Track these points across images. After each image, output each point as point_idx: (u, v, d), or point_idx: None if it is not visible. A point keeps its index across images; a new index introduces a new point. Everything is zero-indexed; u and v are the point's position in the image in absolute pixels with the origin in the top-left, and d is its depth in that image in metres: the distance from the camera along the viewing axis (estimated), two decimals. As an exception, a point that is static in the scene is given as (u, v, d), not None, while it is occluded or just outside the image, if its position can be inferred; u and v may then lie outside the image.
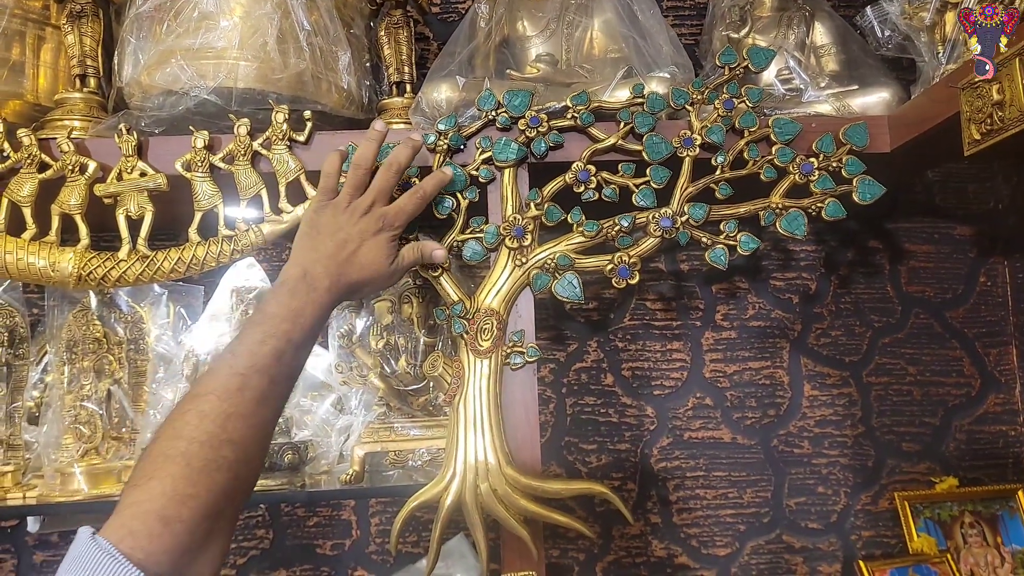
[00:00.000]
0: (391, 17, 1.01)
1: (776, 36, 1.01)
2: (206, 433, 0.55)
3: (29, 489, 0.93)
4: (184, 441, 0.55)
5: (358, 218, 0.73)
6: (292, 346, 0.64)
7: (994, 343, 1.23)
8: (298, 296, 0.66)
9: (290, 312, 0.65)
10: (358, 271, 0.72)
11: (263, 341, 0.62)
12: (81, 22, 0.93)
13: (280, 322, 0.64)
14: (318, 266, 0.69)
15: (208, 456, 0.54)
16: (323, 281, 0.68)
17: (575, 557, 1.17)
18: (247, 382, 0.59)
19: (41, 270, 0.85)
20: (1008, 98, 0.69)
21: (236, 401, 0.58)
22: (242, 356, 0.61)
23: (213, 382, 0.59)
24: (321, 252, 0.71)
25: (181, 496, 0.52)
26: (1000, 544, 1.15)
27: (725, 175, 0.88)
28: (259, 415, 0.59)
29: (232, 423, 0.57)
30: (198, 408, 0.57)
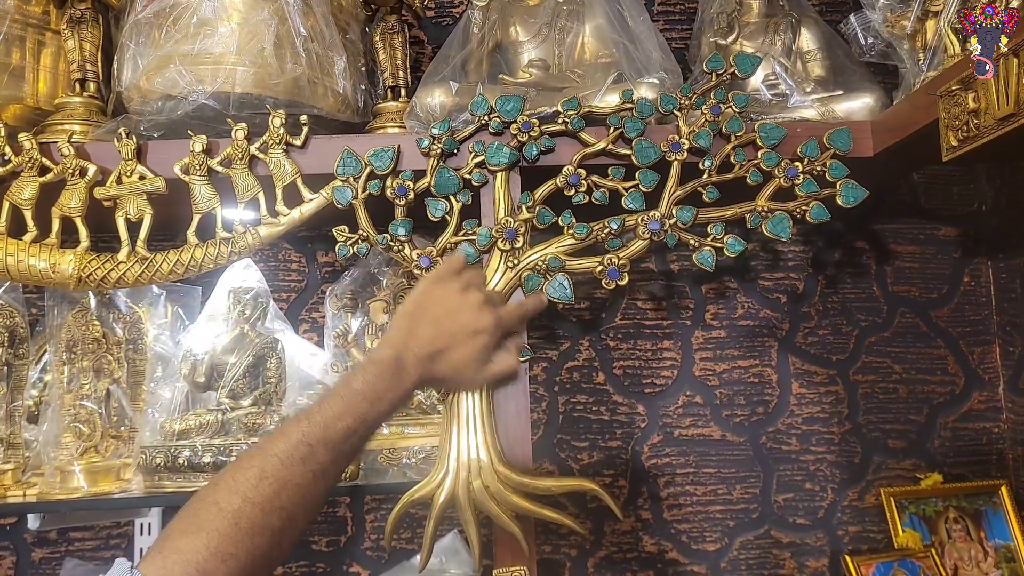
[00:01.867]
0: (386, 22, 1.02)
1: (763, 42, 1.03)
2: (261, 496, 0.56)
3: (29, 487, 0.94)
4: (239, 498, 0.55)
5: (466, 307, 0.71)
6: (365, 426, 0.64)
7: (978, 342, 1.26)
8: (384, 380, 0.66)
9: (373, 393, 0.65)
10: (446, 368, 0.70)
11: (339, 417, 0.62)
12: (81, 27, 0.94)
13: (361, 401, 0.64)
14: (410, 355, 0.68)
15: (257, 520, 0.55)
16: (412, 373, 0.68)
17: (567, 553, 1.19)
18: (313, 454, 0.60)
19: (42, 272, 0.86)
20: (983, 107, 0.71)
21: (298, 471, 0.58)
22: (316, 427, 0.61)
23: (282, 444, 0.60)
24: (419, 339, 0.69)
25: (223, 554, 0.53)
26: (984, 539, 1.17)
27: (712, 179, 0.90)
28: (315, 488, 0.60)
29: (288, 491, 0.57)
30: (261, 467, 0.58)
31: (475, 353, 0.71)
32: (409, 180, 0.89)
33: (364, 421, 0.64)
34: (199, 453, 0.90)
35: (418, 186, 0.89)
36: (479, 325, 0.71)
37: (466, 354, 0.71)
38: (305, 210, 0.89)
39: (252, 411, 0.95)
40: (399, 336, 0.70)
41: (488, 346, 0.72)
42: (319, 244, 1.22)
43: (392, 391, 0.66)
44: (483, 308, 0.72)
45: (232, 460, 0.90)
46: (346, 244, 0.89)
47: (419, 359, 0.68)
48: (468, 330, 0.71)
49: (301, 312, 1.20)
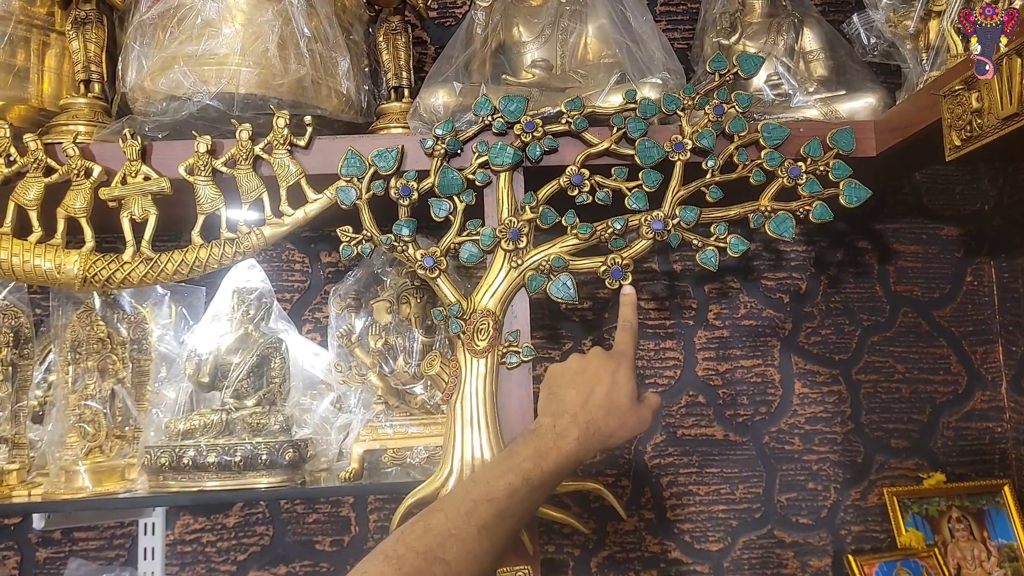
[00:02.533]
0: (389, 23, 1.03)
1: (766, 42, 1.03)
2: (424, 545, 0.58)
3: (34, 487, 0.94)
4: (404, 547, 0.58)
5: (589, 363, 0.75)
6: (528, 486, 0.65)
7: (981, 341, 1.26)
8: (545, 440, 0.68)
9: (535, 453, 0.67)
10: (604, 415, 0.71)
11: (502, 475, 0.65)
12: (85, 28, 0.94)
13: (522, 460, 0.66)
14: (566, 416, 0.70)
15: (419, 567, 0.57)
16: (572, 431, 0.69)
17: (570, 552, 1.19)
18: (476, 509, 0.62)
19: (47, 272, 0.87)
20: (986, 106, 0.71)
21: (460, 524, 0.61)
22: (480, 484, 0.64)
23: (447, 501, 0.63)
24: (568, 403, 0.72)
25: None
26: (987, 538, 1.18)
27: (715, 179, 0.90)
28: (478, 543, 0.61)
29: (450, 544, 0.59)
30: (427, 521, 0.61)
31: (623, 386, 0.73)
32: (413, 180, 0.89)
33: (527, 480, 0.65)
34: (203, 453, 0.90)
35: (422, 186, 0.89)
36: (613, 364, 0.74)
37: (615, 393, 0.72)
38: (309, 210, 0.89)
39: (256, 411, 0.95)
40: (550, 407, 0.73)
41: (629, 376, 0.74)
42: (323, 244, 1.22)
43: (555, 450, 0.67)
44: (603, 351, 0.76)
45: (236, 460, 0.90)
46: (350, 244, 0.89)
47: (574, 416, 0.70)
48: (607, 372, 0.73)
49: (305, 312, 1.21)
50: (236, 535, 1.17)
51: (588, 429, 0.70)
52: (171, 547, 1.16)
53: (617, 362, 0.74)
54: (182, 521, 1.16)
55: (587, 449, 0.70)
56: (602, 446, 0.71)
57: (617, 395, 0.72)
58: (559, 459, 0.67)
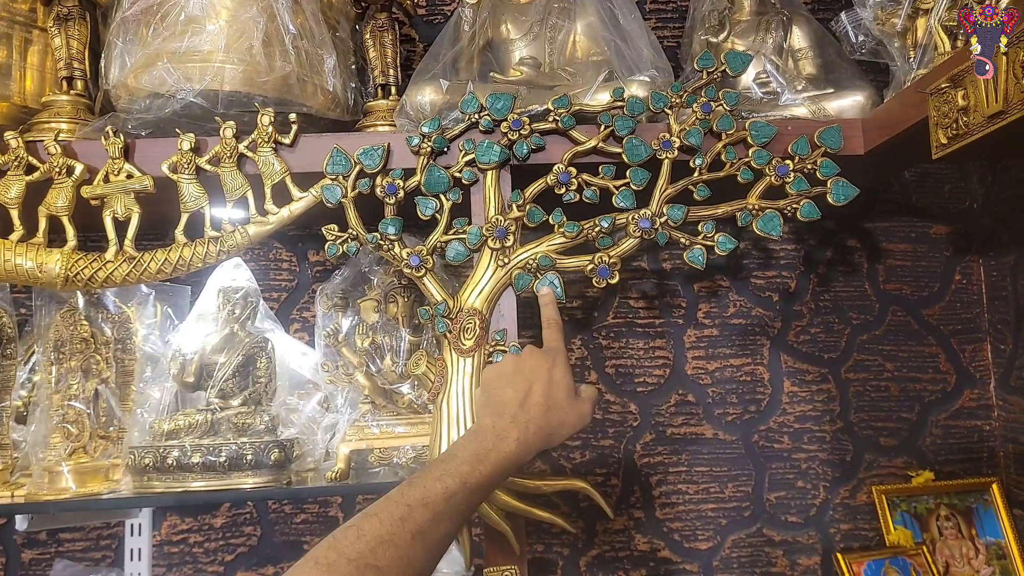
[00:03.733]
0: (376, 20, 1.02)
1: (754, 40, 1.02)
2: (356, 551, 0.57)
3: (17, 488, 0.93)
4: (335, 553, 0.56)
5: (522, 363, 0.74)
6: (466, 489, 0.64)
7: (969, 340, 1.26)
8: (484, 443, 0.68)
9: (472, 455, 0.66)
10: (545, 414, 0.71)
11: (439, 479, 0.63)
12: (68, 25, 0.93)
13: (460, 463, 0.65)
14: (505, 417, 0.70)
15: (350, 573, 0.56)
16: (511, 432, 0.69)
17: (559, 552, 1.19)
18: (411, 514, 0.61)
19: (29, 271, 0.86)
20: (972, 104, 0.71)
21: (394, 530, 0.59)
22: (416, 488, 0.63)
23: (383, 505, 0.61)
24: (506, 403, 0.71)
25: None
26: (975, 536, 1.18)
27: (703, 177, 0.90)
28: (412, 548, 0.60)
29: (383, 549, 0.58)
30: (360, 526, 0.59)
31: (560, 382, 0.73)
32: (399, 178, 0.88)
33: (465, 483, 0.64)
34: (188, 453, 0.89)
35: (408, 184, 0.89)
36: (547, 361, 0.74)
37: (552, 390, 0.73)
38: (294, 209, 0.89)
39: (242, 411, 0.94)
40: (489, 408, 0.73)
41: (565, 372, 0.74)
42: (310, 243, 1.21)
43: (494, 452, 0.67)
44: (536, 349, 0.76)
45: (222, 460, 0.89)
46: (335, 243, 0.89)
47: (513, 417, 0.70)
48: (543, 369, 0.73)
49: (292, 311, 1.20)
50: (224, 536, 1.16)
51: (528, 429, 0.70)
52: (158, 548, 1.15)
53: (552, 359, 0.74)
54: (169, 522, 1.16)
55: (528, 449, 0.70)
56: (544, 445, 0.71)
57: (555, 392, 0.72)
58: (498, 461, 0.67)
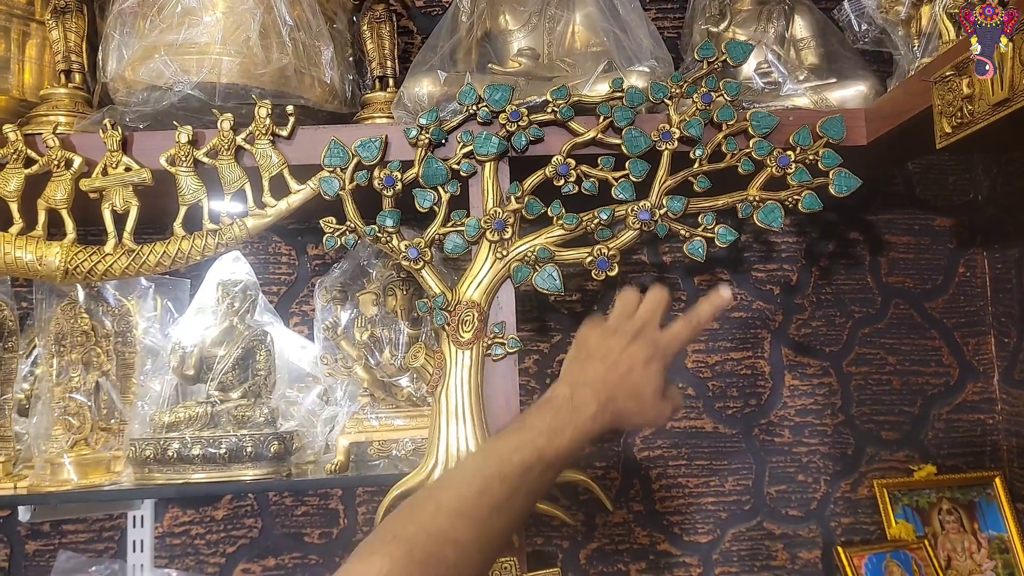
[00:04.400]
0: (373, 11, 1.01)
1: (756, 30, 1.01)
2: (436, 526, 0.56)
3: (20, 479, 0.94)
4: (414, 527, 0.56)
5: (627, 342, 0.69)
6: (542, 463, 0.62)
7: (973, 333, 1.25)
8: (562, 415, 0.65)
9: (549, 428, 0.63)
10: (626, 398, 0.67)
11: (516, 450, 0.61)
12: (65, 18, 0.93)
13: (537, 435, 0.63)
14: (587, 389, 0.67)
15: (431, 550, 0.55)
16: (590, 406, 0.66)
17: (559, 544, 1.19)
18: (488, 487, 0.59)
19: (28, 264, 0.86)
20: (977, 92, 0.71)
21: (472, 503, 0.58)
22: (492, 460, 0.61)
23: (458, 476, 0.60)
24: (590, 375, 0.68)
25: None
26: (977, 530, 1.17)
27: (703, 168, 0.89)
28: (490, 522, 0.59)
29: (462, 523, 0.57)
30: (437, 499, 0.58)
31: (651, 378, 0.68)
32: (397, 171, 0.88)
33: (541, 457, 0.62)
34: (188, 445, 0.90)
35: (406, 177, 0.88)
36: (647, 351, 0.69)
37: (642, 380, 0.68)
38: (292, 201, 0.89)
39: (241, 403, 0.95)
40: (571, 375, 0.69)
41: (663, 369, 0.70)
42: (309, 237, 1.21)
43: (571, 426, 0.64)
44: (644, 333, 0.70)
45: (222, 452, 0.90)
46: (334, 236, 0.89)
47: (596, 393, 0.66)
48: (638, 358, 0.68)
49: (291, 305, 1.20)
50: (225, 528, 1.17)
51: (606, 407, 0.66)
52: (160, 540, 1.15)
53: (652, 353, 0.69)
54: (171, 514, 1.16)
55: (602, 427, 0.66)
56: (615, 425, 0.68)
57: (643, 384, 0.68)
58: (575, 435, 0.64)
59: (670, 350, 0.70)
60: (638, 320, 0.71)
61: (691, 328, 0.72)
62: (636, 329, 0.70)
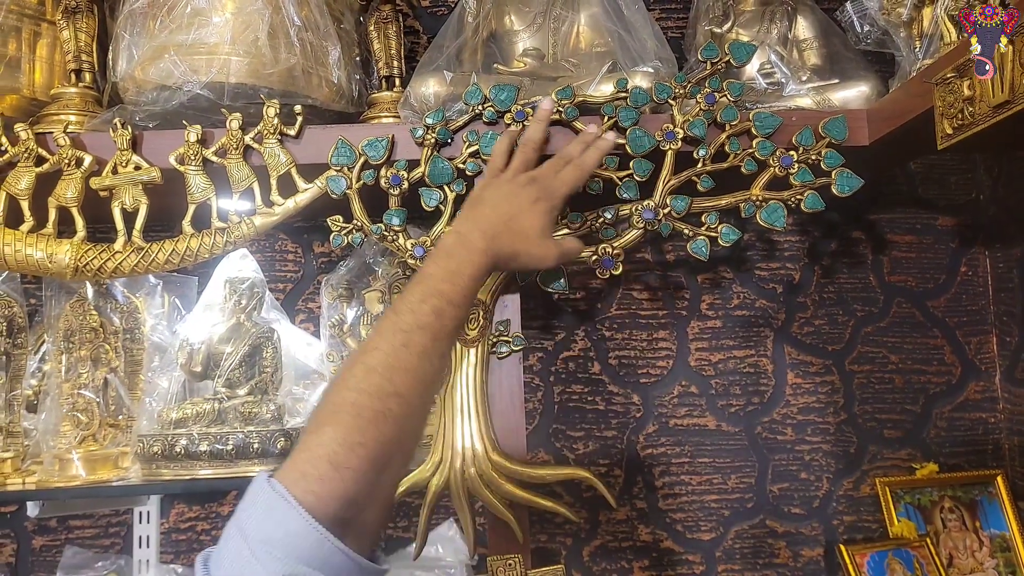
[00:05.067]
0: (380, 12, 1.02)
1: (759, 31, 1.02)
2: (374, 385, 0.57)
3: (28, 475, 0.95)
4: (353, 392, 0.56)
5: (519, 188, 0.74)
6: (451, 306, 0.64)
7: (975, 331, 1.26)
8: (455, 257, 0.68)
9: (447, 272, 0.66)
10: (511, 237, 0.72)
11: (423, 300, 0.63)
12: (76, 18, 0.94)
13: (438, 282, 0.65)
14: (475, 231, 0.70)
15: (376, 407, 0.56)
16: (478, 243, 0.69)
17: (562, 542, 1.20)
18: (410, 339, 0.61)
19: (39, 261, 0.87)
20: (978, 94, 0.71)
21: (401, 356, 0.59)
22: (404, 314, 0.62)
23: (378, 339, 0.61)
24: (478, 219, 0.72)
25: (351, 444, 0.53)
26: (979, 528, 1.18)
27: (707, 168, 0.90)
28: (422, 369, 0.60)
29: (398, 376, 0.58)
30: (365, 362, 0.59)
31: (537, 218, 0.73)
32: (403, 170, 0.89)
33: (449, 300, 0.64)
34: (196, 441, 0.91)
35: (412, 176, 0.89)
36: (534, 194, 0.74)
37: (528, 221, 0.72)
38: (300, 200, 0.89)
39: (248, 400, 0.96)
40: (460, 223, 0.73)
41: (550, 211, 0.74)
42: (315, 235, 1.22)
43: (466, 264, 0.67)
44: (535, 181, 0.75)
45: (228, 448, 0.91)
46: (340, 234, 0.89)
47: (483, 232, 0.70)
48: (526, 201, 0.73)
49: (297, 302, 1.21)
50: (231, 523, 1.18)
51: (493, 242, 0.70)
52: (166, 535, 1.16)
53: (539, 195, 0.74)
54: (177, 510, 1.17)
55: (494, 259, 0.70)
56: (506, 263, 0.72)
57: (527, 223, 0.72)
58: (471, 272, 0.67)
59: (557, 193, 0.75)
60: (535, 172, 0.77)
61: (577, 172, 0.78)
62: (529, 177, 0.76)
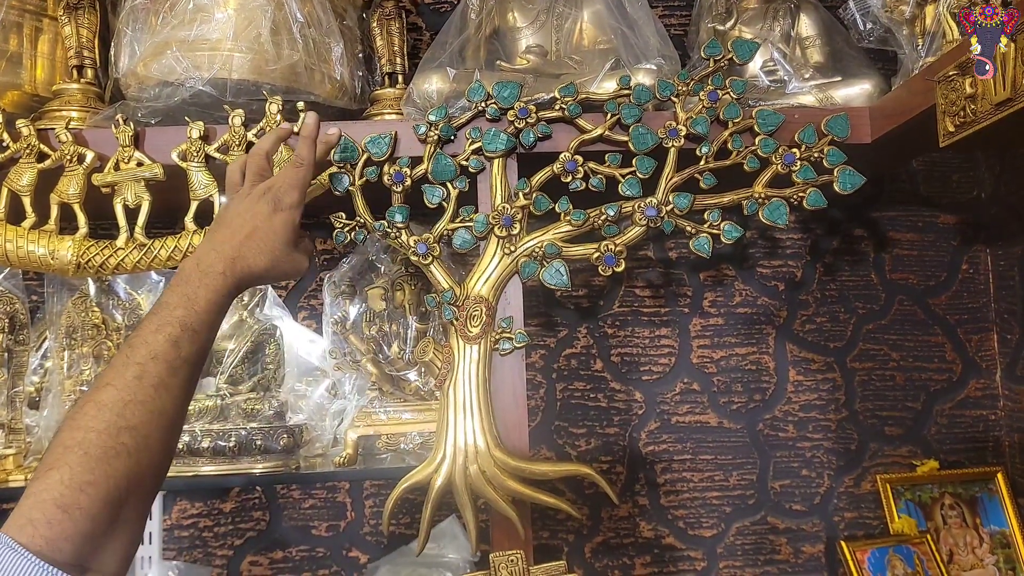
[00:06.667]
0: (383, 8, 1.02)
1: (762, 28, 1.02)
2: (104, 422, 0.55)
3: (30, 472, 0.95)
4: (81, 431, 0.55)
5: (254, 203, 0.73)
6: (188, 332, 0.63)
7: (976, 329, 1.26)
8: (191, 283, 0.66)
9: (183, 299, 0.65)
10: (254, 255, 0.70)
11: (158, 329, 0.62)
12: (78, 13, 0.94)
13: (173, 309, 0.64)
14: (212, 253, 0.69)
15: (106, 444, 0.54)
16: (216, 266, 0.67)
17: (564, 538, 1.20)
18: (144, 370, 0.59)
19: (41, 258, 0.87)
20: (980, 91, 0.71)
21: (133, 389, 0.58)
22: (138, 347, 0.61)
23: (110, 374, 0.59)
24: (216, 241, 0.70)
25: (79, 483, 0.52)
26: (979, 525, 1.18)
27: (709, 165, 0.90)
28: (158, 401, 0.59)
29: (130, 410, 0.57)
30: (96, 399, 0.57)
31: (278, 231, 0.72)
32: (406, 167, 0.89)
33: (185, 327, 0.63)
34: (198, 438, 0.91)
35: (415, 172, 0.89)
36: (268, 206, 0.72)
37: (268, 234, 0.71)
38: (302, 197, 0.89)
39: (251, 397, 0.96)
40: (202, 243, 0.72)
41: (290, 221, 0.73)
42: (318, 232, 1.21)
43: (202, 289, 0.65)
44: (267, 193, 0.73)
45: (231, 445, 0.91)
46: (343, 231, 0.89)
47: (221, 254, 0.68)
48: (261, 214, 0.72)
49: (300, 299, 1.21)
50: (233, 520, 1.18)
51: (235, 264, 0.68)
52: (168, 532, 1.16)
53: (275, 207, 0.73)
54: (179, 506, 1.17)
55: (236, 281, 0.68)
56: (252, 281, 0.71)
57: (269, 238, 0.71)
58: (210, 296, 0.66)
59: (290, 199, 0.74)
60: (270, 181, 0.75)
61: (300, 171, 0.77)
62: (264, 188, 0.74)
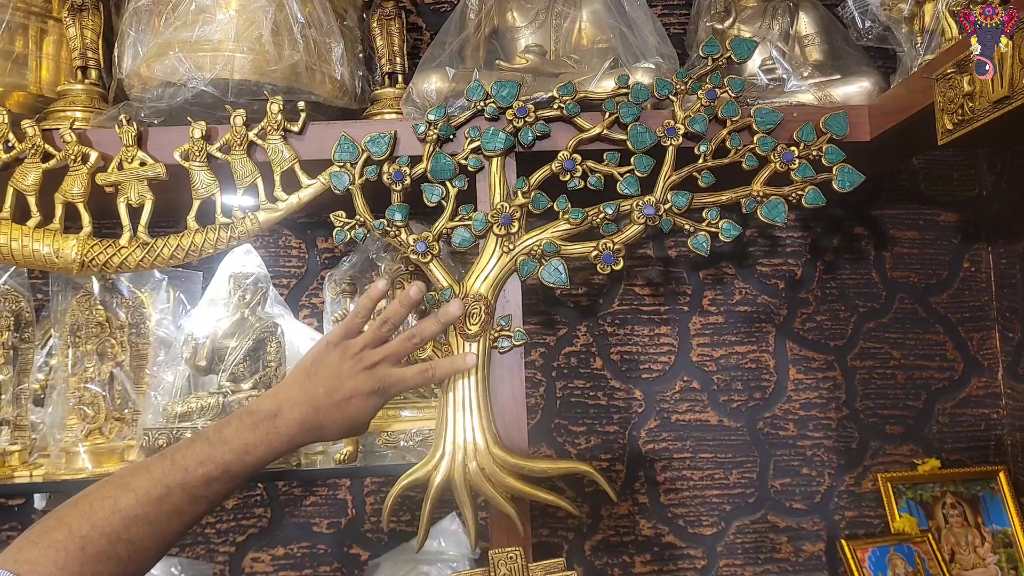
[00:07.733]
0: (383, 8, 1.03)
1: (760, 26, 1.02)
2: (111, 527, 0.58)
3: (35, 468, 0.96)
4: (88, 525, 0.58)
5: (358, 371, 0.71)
6: (227, 476, 0.64)
7: (977, 327, 1.26)
8: (258, 433, 0.66)
9: (242, 445, 0.65)
10: (335, 425, 0.70)
11: (202, 463, 0.63)
12: (82, 15, 0.95)
13: (227, 451, 0.64)
14: (295, 411, 0.68)
15: (103, 548, 0.57)
16: (291, 428, 0.67)
17: (564, 536, 1.20)
18: (169, 495, 0.61)
19: (45, 256, 0.88)
20: (978, 89, 0.71)
21: (150, 509, 0.60)
22: (177, 469, 0.62)
23: (141, 480, 0.61)
24: (307, 395, 0.69)
25: (68, 573, 0.56)
26: (981, 524, 1.18)
27: (707, 164, 0.90)
28: (167, 526, 0.61)
29: (138, 526, 0.59)
30: (116, 499, 0.59)
31: (366, 411, 0.72)
32: (405, 166, 0.89)
33: (227, 471, 0.64)
34: (201, 435, 0.91)
35: (414, 171, 0.90)
36: (372, 385, 0.71)
37: (357, 411, 0.71)
38: (303, 196, 0.90)
39: (252, 394, 0.96)
40: (286, 392, 0.70)
41: (379, 407, 0.73)
42: (319, 230, 1.23)
43: (263, 445, 0.66)
44: (378, 368, 0.72)
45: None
46: (343, 229, 0.90)
47: (303, 415, 0.68)
48: (362, 390, 0.71)
49: (301, 298, 1.22)
50: (235, 517, 1.19)
51: (310, 432, 0.69)
52: (172, 528, 1.17)
53: (377, 388, 0.72)
54: (182, 503, 1.18)
55: (298, 446, 0.69)
56: (312, 441, 0.71)
57: (357, 414, 0.71)
58: (266, 454, 0.66)
59: (393, 390, 0.74)
60: (382, 352, 0.73)
61: (423, 378, 0.76)
62: (374, 360, 0.72)
